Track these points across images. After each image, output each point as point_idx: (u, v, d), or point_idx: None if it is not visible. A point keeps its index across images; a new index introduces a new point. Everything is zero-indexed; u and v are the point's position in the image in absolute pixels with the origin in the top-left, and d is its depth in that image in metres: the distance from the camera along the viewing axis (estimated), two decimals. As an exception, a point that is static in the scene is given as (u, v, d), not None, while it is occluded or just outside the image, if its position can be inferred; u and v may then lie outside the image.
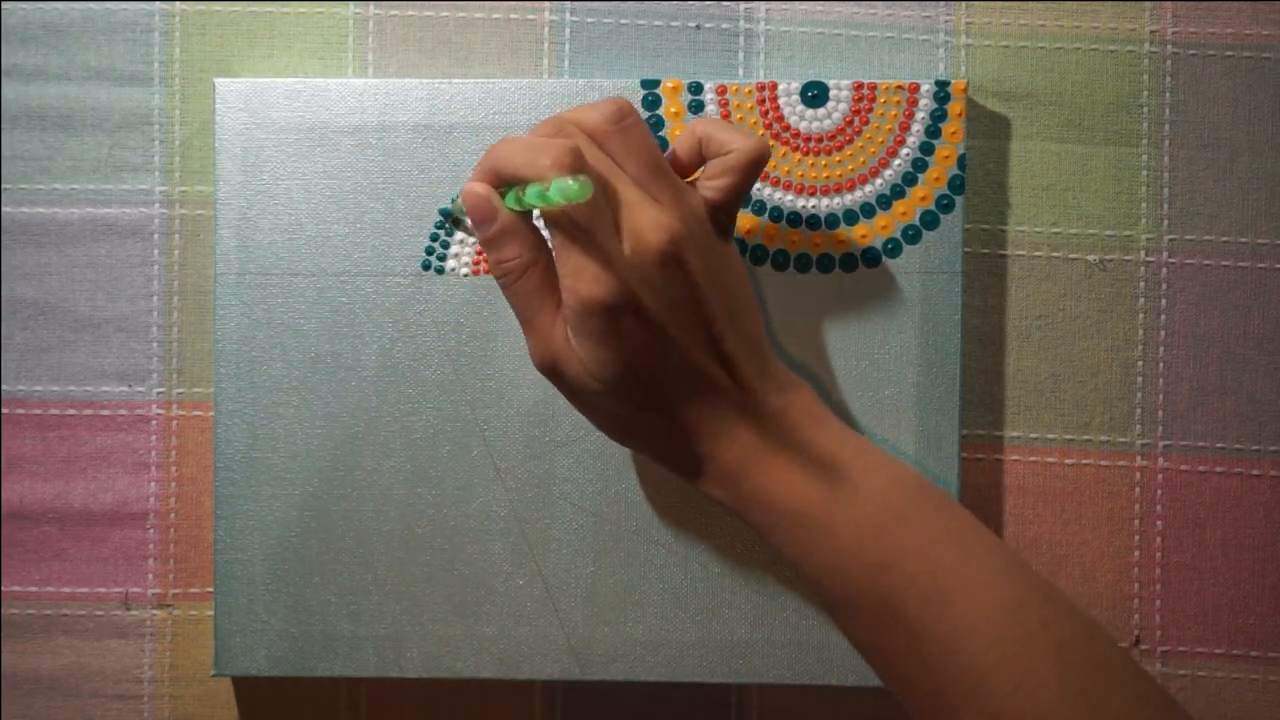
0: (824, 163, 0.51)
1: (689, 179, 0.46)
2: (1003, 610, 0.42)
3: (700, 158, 0.46)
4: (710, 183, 0.45)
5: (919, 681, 0.43)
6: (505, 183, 0.43)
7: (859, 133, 0.51)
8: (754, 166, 0.45)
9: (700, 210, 0.45)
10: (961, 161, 0.51)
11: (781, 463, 0.44)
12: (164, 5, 0.53)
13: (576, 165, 0.41)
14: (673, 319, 0.43)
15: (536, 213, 0.44)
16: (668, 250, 0.42)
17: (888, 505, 0.44)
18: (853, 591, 0.44)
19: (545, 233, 0.44)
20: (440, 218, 0.51)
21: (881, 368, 0.51)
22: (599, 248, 0.42)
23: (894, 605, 0.43)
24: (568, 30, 0.54)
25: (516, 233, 0.44)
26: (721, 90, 0.51)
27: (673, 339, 0.43)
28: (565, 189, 0.40)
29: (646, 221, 0.42)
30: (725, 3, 0.53)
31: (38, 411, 0.53)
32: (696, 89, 0.51)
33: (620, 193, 0.43)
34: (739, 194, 0.45)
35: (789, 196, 0.52)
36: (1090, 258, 0.53)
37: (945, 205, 0.51)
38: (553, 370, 0.45)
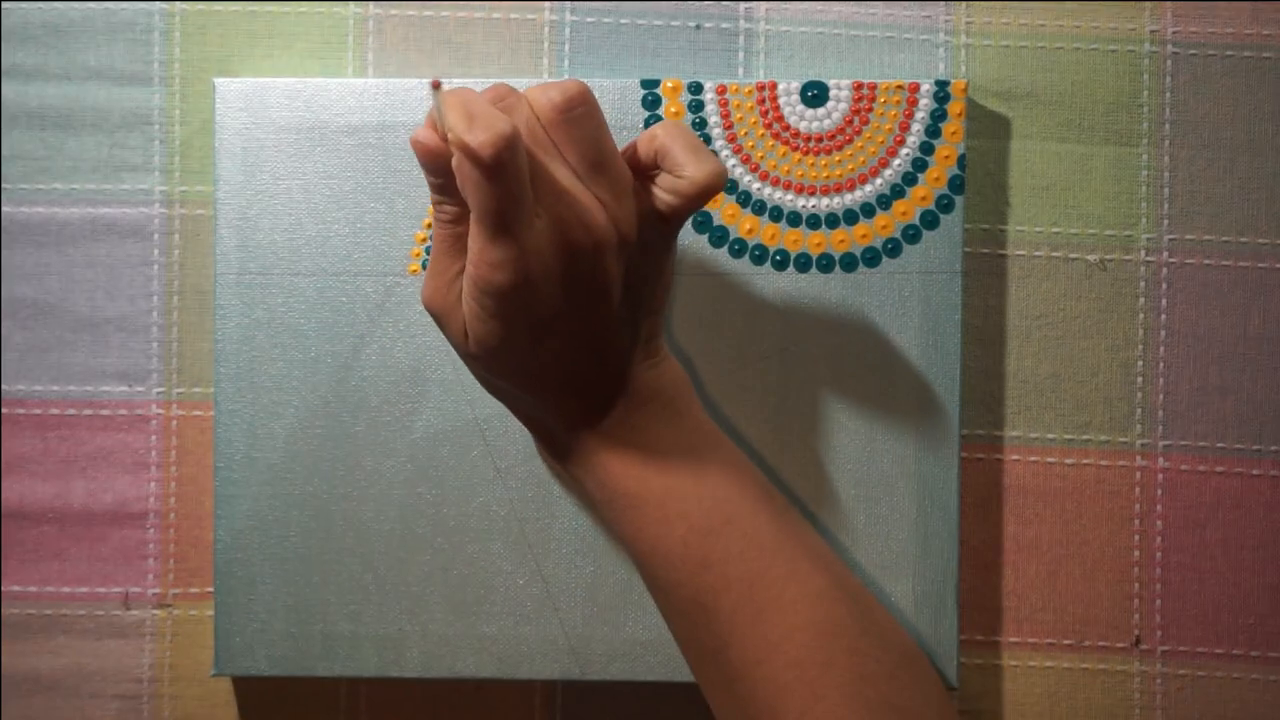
0: (824, 162, 0.51)
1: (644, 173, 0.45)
2: (812, 632, 0.42)
3: (655, 165, 0.45)
4: (659, 193, 0.44)
5: (722, 685, 0.43)
6: (443, 137, 0.42)
7: (859, 132, 0.51)
8: (703, 197, 0.43)
9: (632, 214, 0.43)
10: (961, 161, 0.51)
11: (629, 448, 0.45)
12: (164, 5, 0.53)
13: (504, 155, 0.39)
14: (567, 314, 0.43)
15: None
16: (582, 250, 0.42)
17: (722, 505, 0.44)
18: (673, 583, 0.44)
19: None
20: None
21: (881, 368, 0.51)
22: (508, 234, 0.41)
23: (708, 606, 0.43)
24: (568, 30, 0.54)
25: (454, 190, 0.43)
26: (721, 90, 0.51)
27: (561, 333, 0.43)
28: None
29: (570, 217, 0.42)
30: (725, 2, 0.53)
31: (38, 411, 0.53)
32: (696, 89, 0.51)
33: (552, 181, 0.42)
34: (684, 216, 0.44)
35: (789, 196, 0.51)
36: (1090, 257, 0.53)
37: (945, 205, 0.51)
38: (436, 317, 0.45)
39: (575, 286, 0.42)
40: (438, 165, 0.43)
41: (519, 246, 0.41)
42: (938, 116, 0.51)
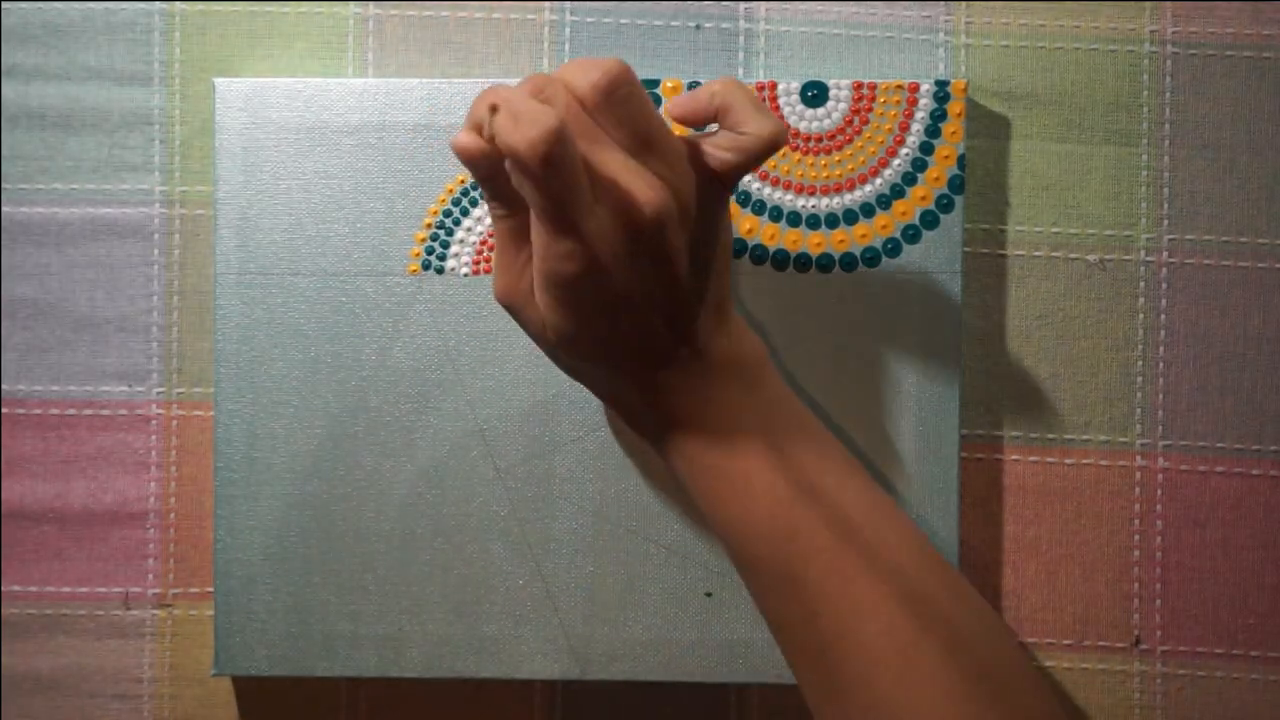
0: (824, 162, 0.51)
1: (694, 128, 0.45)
2: (903, 598, 0.42)
3: (712, 119, 0.44)
4: (716, 152, 0.43)
5: (812, 656, 0.43)
6: (487, 138, 0.42)
7: (859, 132, 0.51)
8: (765, 153, 0.43)
9: (691, 179, 0.43)
10: (961, 161, 0.51)
11: (711, 420, 0.44)
12: (164, 5, 0.53)
13: (554, 151, 0.39)
14: (637, 291, 0.43)
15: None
16: (647, 230, 0.41)
17: (807, 474, 0.44)
18: (761, 555, 0.44)
19: None
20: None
21: (881, 368, 0.51)
22: (571, 225, 0.40)
23: (796, 574, 0.43)
24: (568, 30, 0.54)
25: (503, 188, 0.43)
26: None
27: (633, 308, 0.43)
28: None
29: (628, 198, 0.41)
30: (725, 2, 0.53)
31: (38, 411, 0.53)
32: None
33: (605, 166, 0.41)
34: (742, 173, 0.44)
35: (789, 196, 0.52)
36: (1090, 257, 0.53)
37: (945, 205, 0.51)
38: (511, 310, 0.45)
39: (643, 263, 0.42)
40: (484, 168, 0.42)
41: (583, 235, 0.41)
42: (937, 116, 0.51)
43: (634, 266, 0.42)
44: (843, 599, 0.42)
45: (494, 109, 0.40)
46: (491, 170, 0.42)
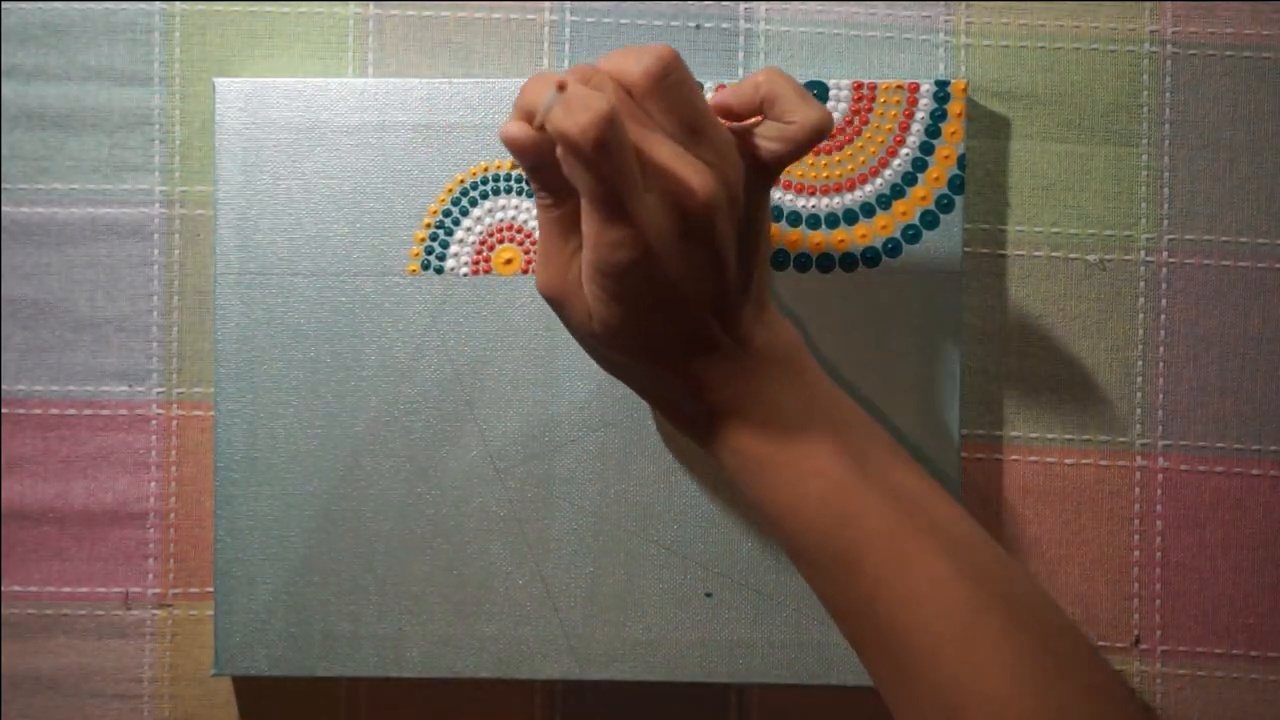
0: (824, 162, 0.51)
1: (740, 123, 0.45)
2: (959, 579, 0.42)
3: (757, 110, 0.44)
4: (763, 143, 0.43)
5: (874, 640, 0.43)
6: (537, 126, 0.41)
7: (859, 132, 0.51)
8: (811, 143, 0.43)
9: (739, 167, 0.43)
10: (961, 161, 0.51)
11: (757, 411, 0.44)
12: (164, 5, 0.53)
13: (607, 135, 0.39)
14: (687, 282, 0.42)
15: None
16: (698, 218, 0.41)
17: (856, 459, 0.44)
18: (813, 542, 0.44)
19: None
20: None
21: (881, 368, 0.51)
22: (623, 212, 0.40)
23: (852, 560, 0.43)
24: (568, 30, 0.54)
25: (551, 178, 0.43)
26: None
27: (682, 300, 0.43)
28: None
29: (679, 185, 0.41)
30: (725, 2, 0.53)
31: (38, 411, 0.54)
32: (696, 89, 0.51)
33: (656, 153, 0.41)
34: (787, 163, 0.44)
35: (789, 196, 0.52)
36: (1090, 258, 0.53)
37: (945, 205, 0.51)
38: (555, 303, 0.44)
39: (693, 253, 0.42)
40: (533, 157, 0.42)
41: (635, 223, 0.40)
42: (938, 116, 0.51)
43: (684, 255, 0.42)
44: (900, 583, 0.42)
45: (561, 86, 0.39)
46: (540, 159, 0.42)
